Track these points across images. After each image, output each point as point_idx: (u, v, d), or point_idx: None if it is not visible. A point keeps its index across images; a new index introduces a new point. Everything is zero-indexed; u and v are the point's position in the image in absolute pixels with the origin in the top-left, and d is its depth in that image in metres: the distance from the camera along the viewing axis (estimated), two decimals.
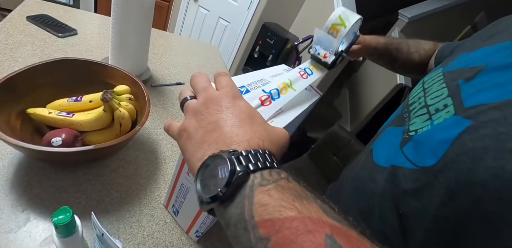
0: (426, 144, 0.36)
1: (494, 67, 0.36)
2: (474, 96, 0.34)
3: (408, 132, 0.41)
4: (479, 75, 0.36)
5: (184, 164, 0.42)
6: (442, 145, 0.34)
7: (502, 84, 0.33)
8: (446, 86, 0.39)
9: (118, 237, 0.46)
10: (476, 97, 0.34)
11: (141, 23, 0.70)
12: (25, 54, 0.72)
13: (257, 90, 0.36)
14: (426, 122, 0.39)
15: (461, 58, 0.44)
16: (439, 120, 0.37)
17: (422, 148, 0.37)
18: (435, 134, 0.36)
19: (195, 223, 0.46)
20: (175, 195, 0.47)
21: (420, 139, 0.38)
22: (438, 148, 0.34)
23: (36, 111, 0.52)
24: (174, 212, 0.50)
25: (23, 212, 0.44)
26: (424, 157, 0.36)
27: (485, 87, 0.34)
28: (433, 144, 0.35)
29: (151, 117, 0.72)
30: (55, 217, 0.31)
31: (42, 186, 0.48)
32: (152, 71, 0.88)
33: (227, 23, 2.26)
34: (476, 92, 0.35)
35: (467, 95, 0.35)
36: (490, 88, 0.34)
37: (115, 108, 0.52)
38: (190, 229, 0.48)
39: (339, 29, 0.46)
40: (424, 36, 0.70)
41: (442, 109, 0.37)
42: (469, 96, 0.35)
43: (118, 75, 0.61)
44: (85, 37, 0.90)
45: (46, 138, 0.48)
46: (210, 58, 1.15)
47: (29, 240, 0.41)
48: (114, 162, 0.57)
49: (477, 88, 0.35)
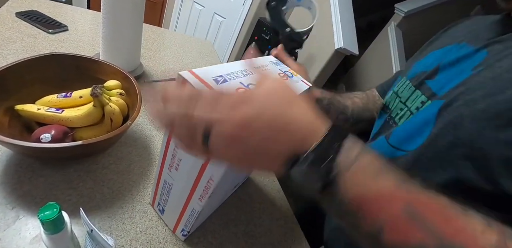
0: (409, 129, 0.41)
1: (447, 64, 0.43)
2: (445, 87, 0.40)
3: (393, 127, 0.46)
4: (440, 71, 0.43)
5: (165, 160, 0.40)
6: (425, 126, 0.38)
7: (459, 72, 0.40)
8: (417, 88, 0.46)
9: (111, 234, 0.45)
10: (445, 87, 0.40)
11: (132, 17, 0.69)
12: (15, 51, 0.71)
13: (235, 80, 0.30)
14: (409, 117, 0.44)
15: (416, 65, 0.51)
16: (419, 111, 0.43)
17: (406, 134, 0.42)
18: (415, 119, 0.42)
19: (180, 221, 0.45)
20: (160, 193, 0.46)
21: (402, 127, 0.44)
22: (422, 129, 0.39)
23: (25, 108, 0.51)
24: (160, 210, 0.49)
25: (13, 209, 0.43)
26: (411, 141, 0.40)
27: (451, 77, 0.41)
28: (416, 128, 0.40)
29: (144, 113, 0.71)
30: (41, 213, 0.30)
31: (32, 183, 0.47)
32: (145, 67, 0.87)
33: (223, 19, 2.24)
34: (445, 83, 0.41)
35: (438, 88, 0.42)
36: (454, 77, 0.40)
37: (105, 103, 0.51)
38: (176, 227, 0.48)
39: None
40: (421, 30, 0.69)
41: (421, 106, 0.43)
42: (440, 88, 0.41)
43: (109, 70, 0.60)
44: (76, 33, 0.89)
45: (35, 135, 0.48)
46: (204, 54, 1.14)
47: (18, 238, 0.40)
48: (106, 159, 0.56)
49: (444, 80, 0.42)
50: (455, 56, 0.42)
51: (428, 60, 0.48)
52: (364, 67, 2.74)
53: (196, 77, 0.28)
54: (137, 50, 0.80)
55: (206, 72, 0.29)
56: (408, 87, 0.48)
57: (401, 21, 2.42)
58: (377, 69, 2.55)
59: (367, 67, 2.70)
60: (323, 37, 1.95)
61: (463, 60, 0.41)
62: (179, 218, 0.45)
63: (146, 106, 0.29)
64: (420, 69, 0.48)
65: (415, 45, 2.64)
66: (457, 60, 0.42)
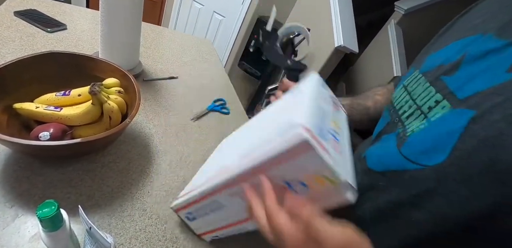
0: (428, 141, 0.35)
1: (473, 57, 0.36)
2: (465, 86, 0.34)
3: (405, 134, 0.39)
4: (461, 66, 0.36)
5: (231, 187, 0.37)
6: (448, 139, 0.32)
7: (487, 69, 0.33)
8: (431, 85, 0.39)
9: (110, 232, 0.45)
10: (468, 87, 0.34)
11: (130, 16, 0.69)
12: (13, 50, 0.71)
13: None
14: (423, 122, 0.38)
15: (431, 57, 0.44)
16: (436, 116, 0.36)
17: (423, 146, 0.35)
18: (435, 130, 0.35)
19: (218, 231, 0.45)
20: (199, 206, 0.43)
21: (418, 138, 0.37)
22: (444, 143, 0.33)
23: (23, 106, 0.50)
24: (188, 218, 0.47)
25: (11, 208, 0.43)
26: (429, 155, 0.34)
27: (474, 75, 0.34)
28: (436, 140, 0.34)
29: (143, 111, 0.71)
30: (39, 210, 0.30)
31: (31, 182, 0.47)
32: (144, 65, 0.87)
33: (222, 17, 2.23)
34: (465, 82, 0.34)
35: (456, 87, 0.35)
36: (479, 76, 0.34)
37: (104, 101, 0.51)
38: (207, 234, 0.47)
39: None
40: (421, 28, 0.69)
41: (435, 106, 0.37)
42: (459, 88, 0.35)
43: (108, 68, 0.59)
44: (75, 32, 0.88)
45: (34, 133, 0.47)
46: (204, 53, 1.13)
47: (17, 236, 0.40)
48: (105, 157, 0.56)
49: (464, 79, 0.35)
50: (481, 49, 0.35)
51: (447, 52, 0.42)
52: (364, 65, 2.74)
53: (315, 140, 0.28)
54: (136, 48, 0.79)
55: (316, 127, 0.30)
56: (420, 82, 0.42)
57: (401, 19, 2.41)
58: (377, 67, 2.55)
59: (367, 65, 2.69)
60: (323, 35, 1.94)
61: (491, 55, 0.34)
62: (217, 229, 0.44)
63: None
64: (436, 62, 0.42)
65: (415, 43, 2.63)
66: (484, 54, 0.35)
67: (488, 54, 0.34)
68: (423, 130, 0.37)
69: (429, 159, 0.34)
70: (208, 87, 0.93)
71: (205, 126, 0.76)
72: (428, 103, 0.38)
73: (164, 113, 0.73)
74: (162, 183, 0.56)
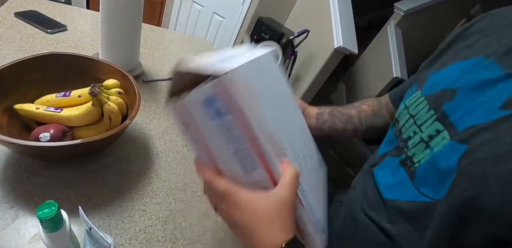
0: (432, 175, 0.36)
1: (469, 87, 0.36)
2: (463, 119, 0.34)
3: (413, 164, 0.39)
4: (457, 96, 0.37)
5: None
6: (447, 174, 0.33)
7: (483, 103, 0.33)
8: (434, 112, 0.39)
9: (110, 232, 0.45)
10: (465, 119, 0.34)
11: (131, 17, 0.69)
12: (14, 51, 0.71)
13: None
14: (426, 151, 0.38)
15: (433, 78, 0.44)
16: (438, 148, 0.36)
17: (430, 180, 0.36)
18: (436, 163, 0.35)
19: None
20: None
21: (424, 171, 0.37)
22: (444, 177, 0.34)
23: (24, 107, 0.51)
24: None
25: (11, 209, 0.43)
26: (436, 189, 0.35)
27: (470, 108, 0.34)
28: (438, 175, 0.35)
29: (144, 112, 0.71)
30: (40, 211, 0.30)
31: (31, 182, 0.47)
32: (144, 66, 0.87)
33: (222, 18, 2.24)
34: (463, 114, 0.35)
35: (456, 118, 0.35)
36: (474, 109, 0.34)
37: (104, 102, 0.51)
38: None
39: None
40: (420, 29, 0.69)
41: (436, 135, 0.37)
42: (458, 118, 0.35)
43: (108, 69, 0.60)
44: (75, 33, 0.89)
45: (34, 134, 0.48)
46: (204, 53, 1.13)
47: (17, 237, 0.40)
48: (105, 158, 0.56)
49: (463, 110, 0.35)
50: (479, 79, 0.35)
51: (448, 74, 0.41)
52: (363, 66, 2.74)
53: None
54: (136, 49, 0.80)
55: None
56: (423, 107, 0.42)
57: (401, 20, 2.42)
58: (377, 68, 2.55)
59: (367, 66, 2.70)
60: (322, 36, 1.95)
61: (488, 86, 0.34)
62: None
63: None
64: (438, 85, 0.41)
65: (415, 44, 2.64)
66: (481, 85, 0.35)
67: (486, 85, 0.34)
68: (427, 162, 0.37)
69: (437, 193, 0.35)
70: None
71: None
72: (428, 130, 0.39)
73: (164, 114, 0.74)
74: (162, 184, 0.56)
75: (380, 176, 0.45)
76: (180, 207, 0.54)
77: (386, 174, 0.44)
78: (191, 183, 0.59)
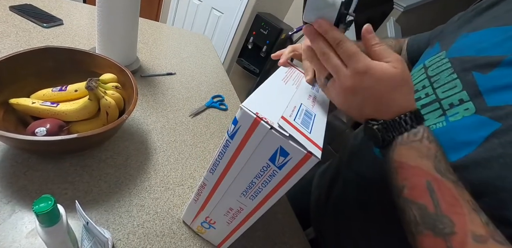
0: (444, 142, 0.34)
1: (511, 61, 0.32)
2: (497, 93, 0.32)
3: None
4: (498, 67, 0.33)
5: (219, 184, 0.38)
6: (464, 147, 0.32)
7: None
8: (458, 77, 0.36)
9: (107, 227, 0.45)
10: (501, 95, 0.31)
11: (127, 11, 0.68)
12: (9, 45, 0.70)
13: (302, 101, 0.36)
14: (440, 118, 0.36)
15: (464, 39, 0.40)
16: (456, 117, 0.34)
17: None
18: (454, 133, 0.34)
19: (229, 239, 0.45)
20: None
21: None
22: (459, 148, 0.33)
23: (19, 101, 0.50)
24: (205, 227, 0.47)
25: (8, 204, 0.43)
26: None
27: (508, 83, 0.31)
28: (453, 144, 0.33)
29: (141, 107, 0.70)
30: (36, 205, 0.30)
31: (27, 177, 0.47)
32: (142, 61, 0.86)
33: (220, 13, 2.22)
34: (498, 89, 0.32)
35: (488, 91, 0.32)
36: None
37: (101, 96, 0.50)
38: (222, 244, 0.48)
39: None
40: (420, 25, 0.68)
41: (458, 104, 0.35)
42: (490, 92, 0.32)
43: (104, 63, 0.59)
44: (72, 27, 0.88)
45: (30, 129, 0.47)
46: (202, 49, 1.13)
47: (14, 232, 0.40)
48: (102, 153, 0.55)
49: (499, 83, 0.32)
50: None
51: (484, 38, 0.37)
52: None
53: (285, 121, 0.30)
54: (133, 44, 0.79)
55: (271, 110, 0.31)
56: (445, 69, 0.38)
57: (400, 16, 2.40)
58: None
59: None
60: None
61: None
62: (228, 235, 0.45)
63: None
64: (470, 49, 0.37)
65: None
66: None
67: None
68: (441, 130, 0.35)
69: None
70: (206, 84, 0.93)
71: (203, 123, 0.76)
72: (451, 99, 0.36)
73: (162, 109, 0.73)
74: (160, 179, 0.56)
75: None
76: (178, 202, 0.53)
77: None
78: (189, 178, 0.59)
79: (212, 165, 0.37)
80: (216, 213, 0.42)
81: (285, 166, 0.30)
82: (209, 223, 0.45)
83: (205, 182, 0.40)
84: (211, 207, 0.42)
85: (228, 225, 0.42)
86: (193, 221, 0.48)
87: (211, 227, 0.46)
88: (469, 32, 0.40)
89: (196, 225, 0.48)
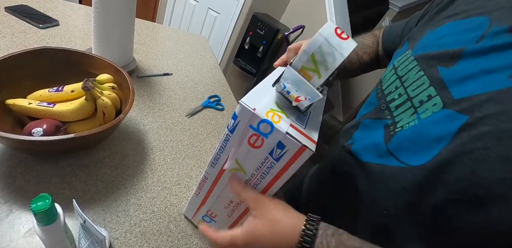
0: (417, 141, 0.34)
1: (475, 51, 0.32)
2: (461, 85, 0.31)
3: (394, 128, 0.38)
4: (461, 60, 0.33)
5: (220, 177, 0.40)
6: (435, 144, 0.32)
7: (489, 70, 0.30)
8: (425, 74, 0.36)
9: (105, 227, 0.45)
10: (466, 86, 0.31)
11: (123, 12, 0.68)
12: (5, 46, 0.70)
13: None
14: (412, 116, 0.36)
15: (427, 36, 0.40)
16: (427, 114, 0.34)
17: (411, 145, 0.35)
18: (425, 130, 0.34)
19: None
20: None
21: (407, 135, 0.36)
22: (431, 146, 0.32)
23: (16, 102, 0.50)
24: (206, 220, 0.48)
25: (5, 203, 0.43)
26: (414, 155, 0.34)
27: (471, 74, 0.31)
28: (424, 142, 0.33)
29: (138, 107, 0.71)
30: (33, 204, 0.30)
31: (24, 177, 0.47)
32: (138, 62, 0.86)
33: (217, 14, 2.22)
34: (462, 80, 0.32)
35: (452, 83, 0.32)
36: (477, 76, 0.31)
37: (97, 96, 0.51)
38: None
39: (311, 75, 0.33)
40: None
41: (427, 100, 0.35)
42: (455, 84, 0.32)
43: (101, 64, 0.59)
44: (68, 28, 0.88)
45: (27, 129, 0.47)
46: (198, 49, 1.13)
47: (12, 231, 0.40)
48: (99, 153, 0.56)
49: (462, 75, 0.32)
50: (485, 45, 0.31)
51: (445, 33, 0.37)
52: None
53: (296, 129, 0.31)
54: (130, 45, 0.79)
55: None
56: (412, 68, 0.38)
57: (396, 16, 2.42)
58: None
59: None
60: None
61: (496, 52, 0.30)
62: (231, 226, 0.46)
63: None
64: (433, 45, 0.37)
65: None
66: (488, 51, 0.31)
67: (492, 51, 0.31)
68: (413, 128, 0.35)
69: (413, 160, 0.34)
70: (203, 84, 0.93)
71: (200, 123, 0.76)
72: (420, 96, 0.36)
73: (158, 109, 0.74)
74: (157, 178, 0.56)
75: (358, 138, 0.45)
76: (175, 201, 0.54)
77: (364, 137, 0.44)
78: (186, 177, 0.60)
79: (213, 159, 0.39)
80: (217, 206, 0.43)
81: (282, 158, 0.32)
82: (210, 216, 0.46)
83: (206, 175, 0.41)
84: (212, 200, 0.43)
85: (229, 217, 0.43)
86: (195, 216, 0.49)
87: (212, 220, 0.47)
88: (433, 29, 0.40)
89: (197, 219, 0.49)
